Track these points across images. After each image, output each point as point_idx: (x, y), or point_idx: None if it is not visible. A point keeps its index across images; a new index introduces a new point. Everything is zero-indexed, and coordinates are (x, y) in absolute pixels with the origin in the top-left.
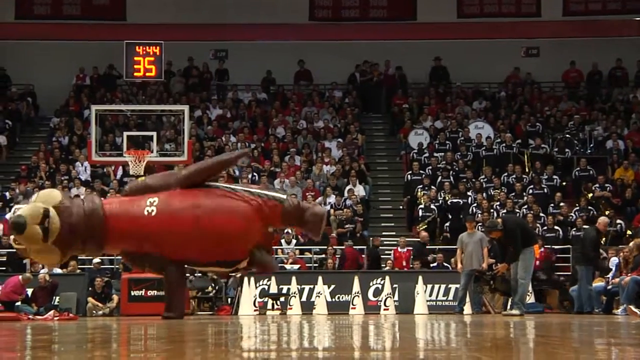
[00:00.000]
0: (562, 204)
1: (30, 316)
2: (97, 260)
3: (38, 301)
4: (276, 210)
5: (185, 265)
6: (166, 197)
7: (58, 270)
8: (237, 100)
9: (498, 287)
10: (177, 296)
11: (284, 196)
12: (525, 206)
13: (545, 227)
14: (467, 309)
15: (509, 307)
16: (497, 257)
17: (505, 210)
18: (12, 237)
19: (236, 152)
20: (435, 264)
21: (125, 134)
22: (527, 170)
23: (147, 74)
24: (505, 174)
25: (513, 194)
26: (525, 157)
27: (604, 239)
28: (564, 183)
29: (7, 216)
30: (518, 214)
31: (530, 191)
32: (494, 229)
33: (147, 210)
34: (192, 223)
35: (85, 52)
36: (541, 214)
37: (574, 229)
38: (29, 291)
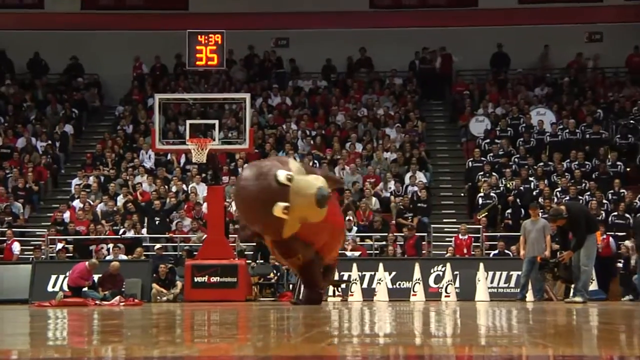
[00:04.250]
0: (622, 190)
1: (97, 302)
2: (158, 246)
3: (104, 287)
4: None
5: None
6: None
7: (123, 257)
8: (298, 88)
9: (561, 275)
10: (310, 280)
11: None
12: (588, 193)
13: (615, 214)
14: (529, 296)
15: (571, 294)
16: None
17: (567, 197)
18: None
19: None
20: (496, 251)
21: (188, 122)
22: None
23: (209, 63)
24: (568, 160)
25: (573, 180)
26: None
27: None
28: (628, 169)
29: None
30: (581, 201)
31: (594, 177)
32: (559, 216)
33: None
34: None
35: (148, 42)
36: (604, 201)
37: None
38: (96, 277)
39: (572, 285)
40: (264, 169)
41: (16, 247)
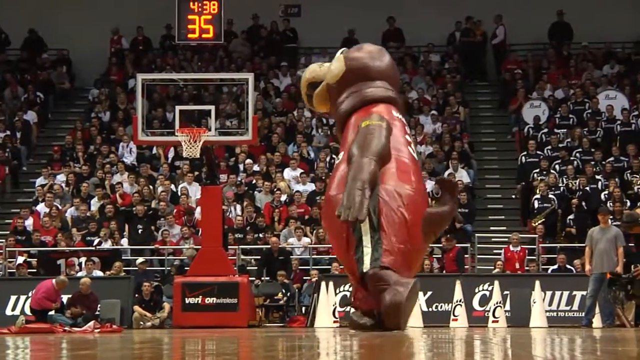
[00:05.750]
0: None
1: (66, 328)
2: (141, 260)
3: (75, 310)
4: (355, 273)
5: None
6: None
7: (99, 273)
8: None
9: (636, 294)
10: None
11: (367, 264)
12: None
13: None
14: (597, 321)
15: None
16: (632, 257)
17: None
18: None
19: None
20: (555, 267)
21: (178, 108)
22: None
23: (204, 36)
24: None
25: None
26: None
27: None
28: None
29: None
30: None
31: None
32: (635, 223)
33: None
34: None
35: (129, 10)
36: None
37: None
38: (65, 298)
39: None
40: None
41: None
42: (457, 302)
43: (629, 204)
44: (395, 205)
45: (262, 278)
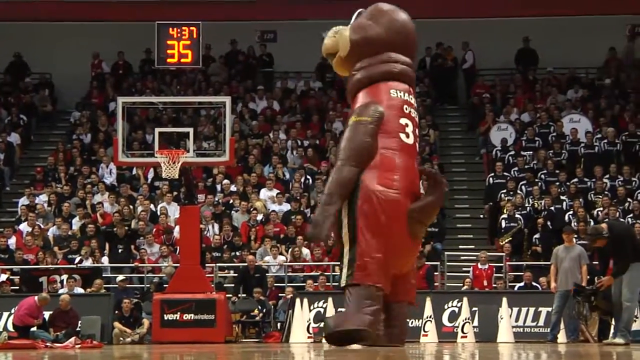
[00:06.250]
0: None
1: (47, 343)
2: (121, 277)
3: (56, 326)
4: None
5: None
6: None
7: (80, 290)
8: (288, 90)
9: (599, 305)
10: None
11: (343, 280)
12: (631, 215)
13: None
14: (561, 337)
15: (611, 334)
16: (596, 273)
17: (607, 219)
18: None
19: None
20: (522, 284)
21: (157, 130)
22: None
23: (182, 61)
24: (607, 176)
25: (616, 200)
26: None
27: None
28: None
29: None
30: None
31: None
32: (599, 236)
33: None
34: None
35: (109, 35)
36: None
37: None
38: (46, 314)
39: (612, 323)
40: None
41: None
42: (427, 318)
43: (592, 223)
44: (372, 213)
45: (239, 295)
